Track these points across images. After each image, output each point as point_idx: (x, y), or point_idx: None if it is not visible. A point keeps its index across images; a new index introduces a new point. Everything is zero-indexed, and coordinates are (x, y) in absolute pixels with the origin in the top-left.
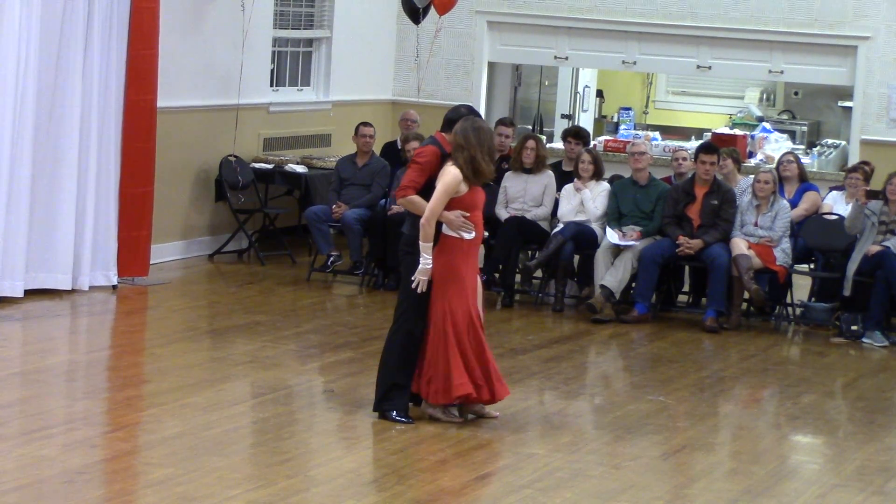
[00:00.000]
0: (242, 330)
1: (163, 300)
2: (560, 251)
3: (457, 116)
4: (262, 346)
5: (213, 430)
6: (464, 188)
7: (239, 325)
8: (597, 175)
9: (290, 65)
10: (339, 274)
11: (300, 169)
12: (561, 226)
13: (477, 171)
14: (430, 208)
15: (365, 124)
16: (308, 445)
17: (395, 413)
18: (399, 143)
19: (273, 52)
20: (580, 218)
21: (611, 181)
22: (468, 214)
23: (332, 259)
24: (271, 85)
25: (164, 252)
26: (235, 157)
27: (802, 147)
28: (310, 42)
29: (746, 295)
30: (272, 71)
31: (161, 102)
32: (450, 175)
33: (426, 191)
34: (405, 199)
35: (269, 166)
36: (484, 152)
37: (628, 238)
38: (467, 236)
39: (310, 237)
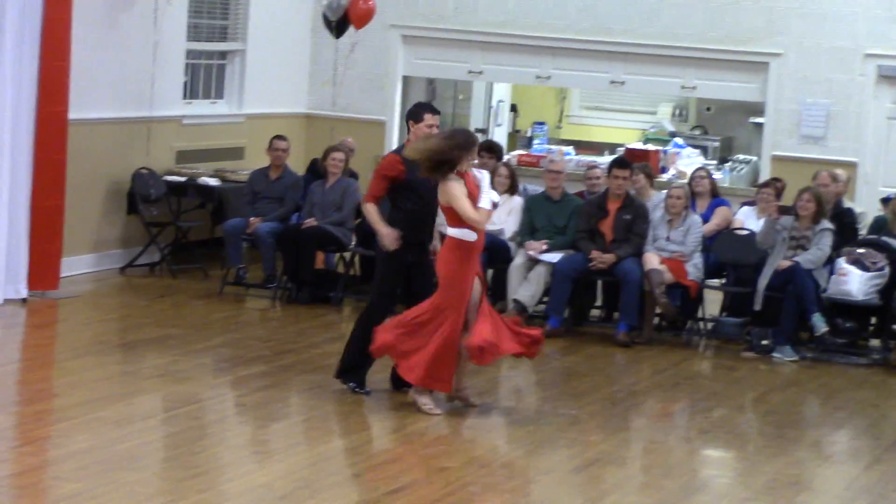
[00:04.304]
0: (154, 343)
1: (73, 313)
2: None
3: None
4: (174, 359)
5: (124, 445)
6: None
7: (150, 339)
8: (512, 189)
9: (204, 77)
10: (252, 287)
11: (213, 182)
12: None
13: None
14: (465, 216)
15: (279, 137)
16: (220, 459)
17: (354, 386)
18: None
19: (186, 65)
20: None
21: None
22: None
23: (239, 272)
24: (184, 97)
25: (76, 265)
26: (148, 169)
27: (714, 162)
28: (223, 55)
29: (658, 309)
30: (185, 83)
31: (73, 114)
32: (451, 187)
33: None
34: (365, 206)
35: (182, 179)
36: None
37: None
38: (471, 237)
39: (223, 250)
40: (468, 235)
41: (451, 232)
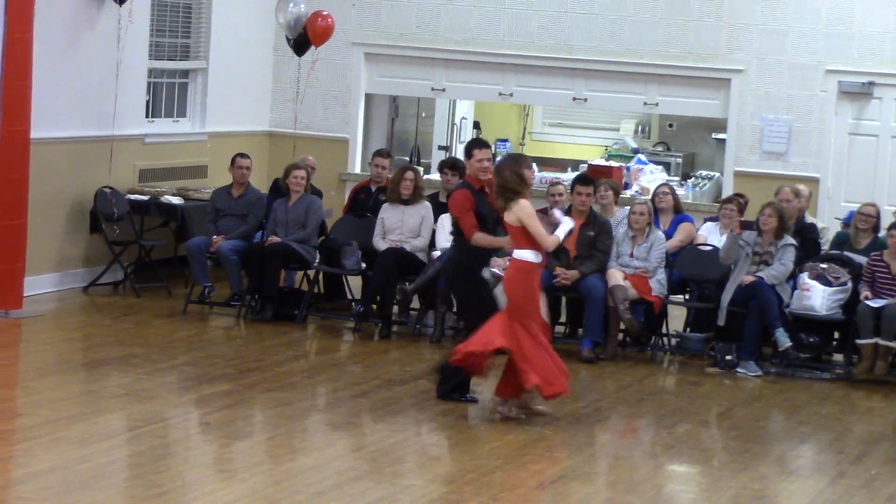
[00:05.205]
0: (118, 362)
1: (37, 333)
2: (437, 278)
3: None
4: (138, 378)
5: (88, 464)
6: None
7: (114, 358)
8: None
9: (166, 96)
10: (217, 305)
11: (176, 200)
12: (438, 253)
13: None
14: (538, 236)
15: (241, 155)
16: (184, 478)
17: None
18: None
19: (149, 83)
20: None
21: None
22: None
23: (206, 290)
24: (147, 116)
25: (39, 284)
26: (110, 188)
27: (677, 179)
28: (186, 73)
29: (622, 325)
30: (148, 102)
31: (35, 133)
32: (525, 205)
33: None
34: (475, 237)
35: (145, 198)
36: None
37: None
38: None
39: (187, 269)
40: (534, 257)
41: (519, 254)
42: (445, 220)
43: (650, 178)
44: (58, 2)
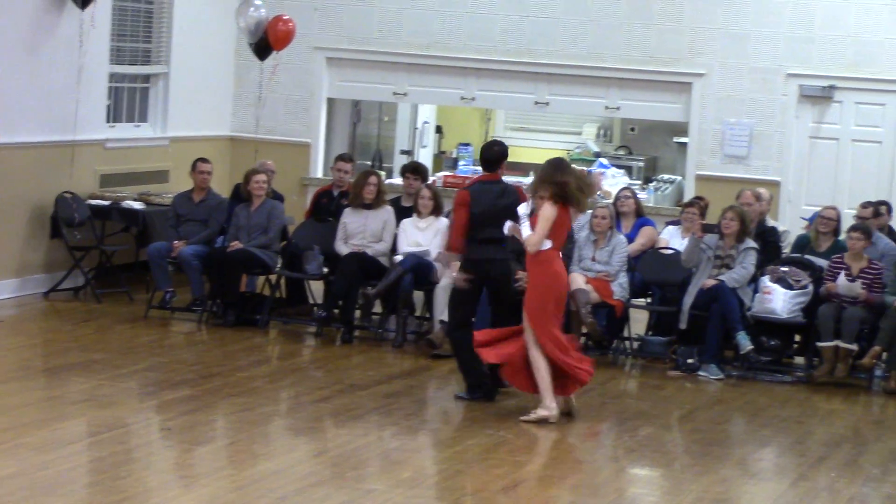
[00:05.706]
0: (78, 368)
1: None
2: (399, 282)
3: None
4: (99, 384)
5: (49, 470)
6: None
7: (75, 364)
8: (436, 211)
9: (128, 101)
10: (178, 311)
11: (137, 205)
12: (400, 257)
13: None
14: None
15: (202, 160)
16: (146, 484)
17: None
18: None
19: (110, 88)
20: (418, 249)
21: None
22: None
23: (167, 296)
24: (108, 121)
25: None
26: (71, 193)
27: (639, 182)
28: (147, 78)
29: (584, 329)
30: (109, 107)
31: None
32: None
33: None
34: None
35: (106, 203)
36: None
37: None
38: None
39: (148, 274)
40: None
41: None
42: (407, 225)
43: (612, 181)
44: (18, 6)
